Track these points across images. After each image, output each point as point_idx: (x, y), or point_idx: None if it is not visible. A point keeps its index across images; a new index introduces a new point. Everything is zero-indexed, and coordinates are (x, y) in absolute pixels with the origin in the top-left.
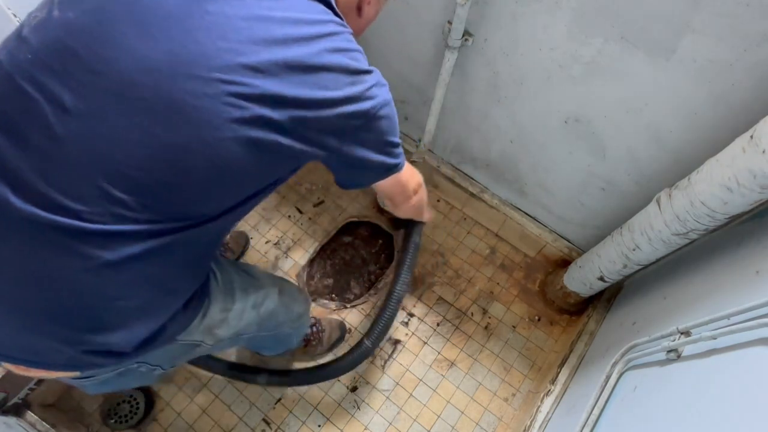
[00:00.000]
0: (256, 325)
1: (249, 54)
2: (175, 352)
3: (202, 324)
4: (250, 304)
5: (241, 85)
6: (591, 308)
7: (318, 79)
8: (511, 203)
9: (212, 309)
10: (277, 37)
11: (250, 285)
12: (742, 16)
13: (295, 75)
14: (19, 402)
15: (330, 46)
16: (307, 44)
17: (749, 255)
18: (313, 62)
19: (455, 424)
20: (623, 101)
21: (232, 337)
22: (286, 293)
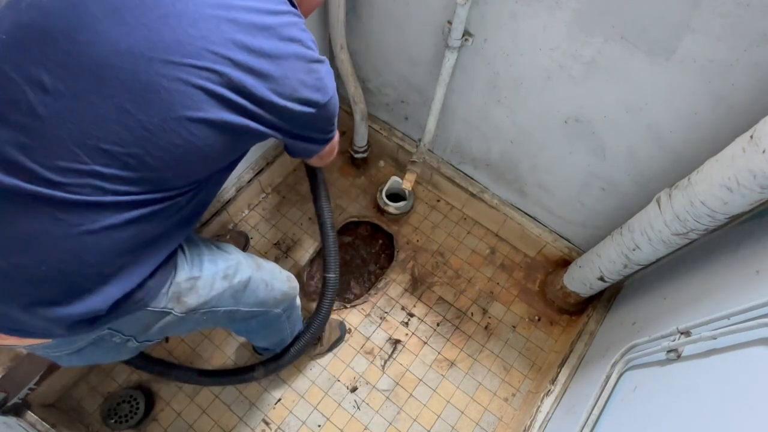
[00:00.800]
0: (231, 297)
1: (218, 42)
2: (146, 320)
3: (170, 291)
4: (221, 275)
5: (212, 72)
6: (591, 308)
7: (278, 68)
8: (511, 203)
9: (178, 277)
10: (242, 26)
11: (219, 256)
12: (742, 16)
13: (258, 62)
14: (19, 402)
15: (289, 35)
16: (269, 34)
17: (749, 255)
18: (274, 52)
19: (455, 424)
20: (623, 101)
21: (206, 310)
22: (264, 269)
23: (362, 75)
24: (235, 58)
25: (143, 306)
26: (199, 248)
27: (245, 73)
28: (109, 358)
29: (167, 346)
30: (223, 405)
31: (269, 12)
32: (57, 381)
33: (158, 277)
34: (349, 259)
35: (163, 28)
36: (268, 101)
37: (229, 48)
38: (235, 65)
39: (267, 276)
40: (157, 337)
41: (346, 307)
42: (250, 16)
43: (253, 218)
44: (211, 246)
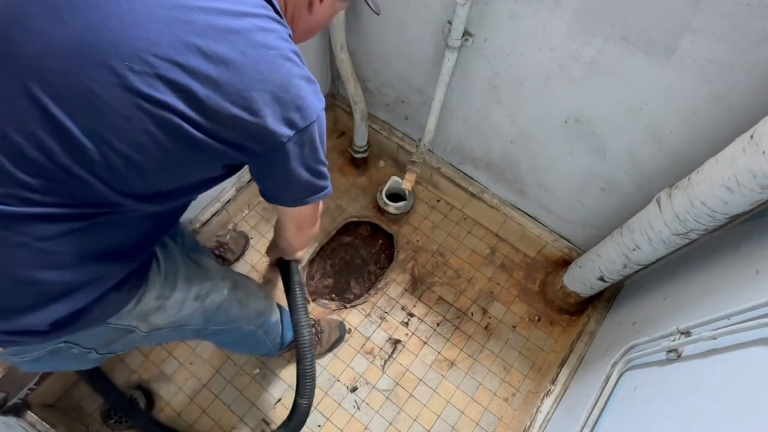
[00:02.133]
0: (201, 317)
1: (163, 44)
2: (107, 335)
3: (135, 309)
4: (192, 295)
5: (152, 77)
6: (591, 308)
7: (240, 78)
8: (511, 203)
9: (148, 296)
10: (198, 27)
11: (196, 276)
12: (742, 16)
13: (214, 69)
14: (19, 402)
15: (260, 41)
16: (233, 38)
17: (749, 255)
18: (237, 59)
19: (455, 424)
20: (623, 101)
21: (172, 328)
22: (241, 288)
23: (362, 75)
24: (184, 63)
25: (102, 322)
26: (175, 263)
27: (195, 80)
28: (72, 367)
29: (167, 346)
30: (223, 405)
31: (235, 14)
32: (57, 381)
33: (122, 293)
34: (349, 259)
35: (102, 27)
36: (225, 114)
37: (178, 51)
38: (184, 70)
39: (242, 295)
40: (121, 350)
41: (346, 307)
42: (210, 18)
43: (253, 218)
44: (189, 262)
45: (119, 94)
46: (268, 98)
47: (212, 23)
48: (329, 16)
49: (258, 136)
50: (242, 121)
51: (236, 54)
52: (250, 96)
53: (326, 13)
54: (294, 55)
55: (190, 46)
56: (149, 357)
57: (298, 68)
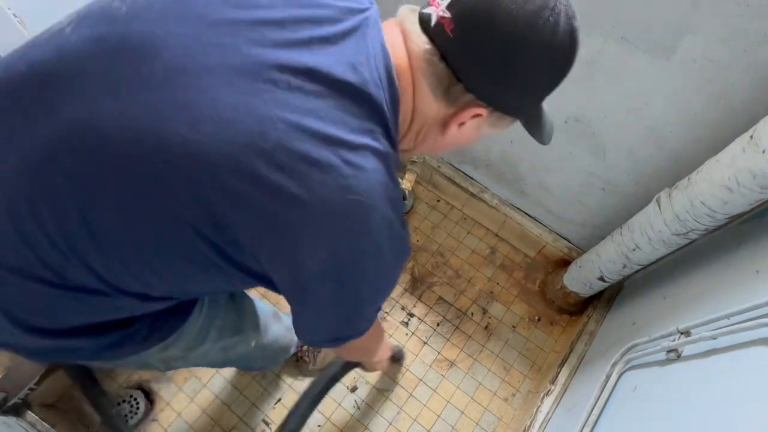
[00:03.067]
0: (220, 362)
1: (221, 164)
2: (129, 362)
3: (158, 354)
4: (219, 346)
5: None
6: (591, 308)
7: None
8: (511, 203)
9: (176, 345)
10: (266, 145)
11: (230, 327)
12: (742, 16)
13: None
14: (19, 402)
15: (337, 183)
16: (302, 167)
17: (749, 255)
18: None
19: (455, 424)
20: (623, 101)
21: (192, 365)
22: (270, 333)
23: None
24: (236, 188)
25: (119, 358)
26: (216, 311)
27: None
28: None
29: None
30: (223, 405)
31: (322, 138)
32: (57, 381)
33: (151, 339)
34: None
35: (144, 118)
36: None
37: (236, 173)
38: (231, 196)
39: (269, 340)
40: (127, 367)
41: None
42: (300, 137)
43: None
44: (229, 309)
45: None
46: (323, 245)
47: (286, 142)
48: (468, 141)
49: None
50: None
51: (302, 191)
52: (303, 243)
53: (466, 137)
54: (382, 204)
55: (248, 166)
56: None
57: (379, 232)
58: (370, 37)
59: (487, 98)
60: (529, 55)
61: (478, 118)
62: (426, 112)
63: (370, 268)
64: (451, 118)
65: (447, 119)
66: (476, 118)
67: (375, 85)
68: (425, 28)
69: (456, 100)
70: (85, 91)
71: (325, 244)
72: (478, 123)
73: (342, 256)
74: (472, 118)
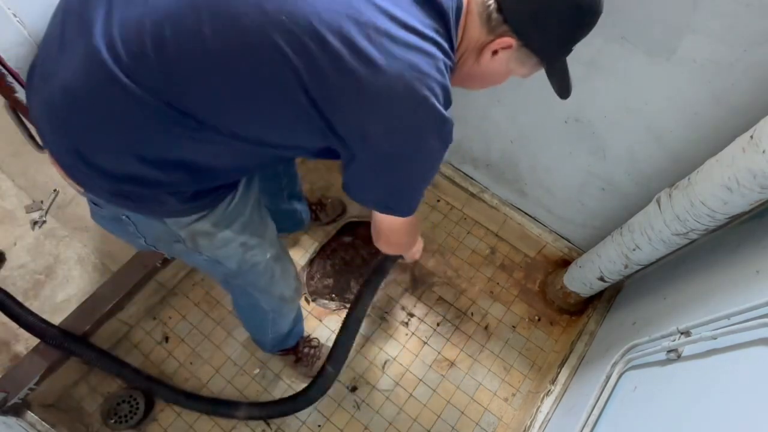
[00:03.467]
0: (236, 264)
1: (324, 14)
2: (159, 231)
3: (190, 225)
4: (239, 242)
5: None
6: (591, 308)
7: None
8: (511, 203)
9: (206, 219)
10: (364, 17)
11: (253, 227)
12: (742, 16)
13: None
14: (19, 402)
15: (407, 59)
16: (382, 44)
17: (749, 255)
18: (379, 63)
19: (455, 424)
20: (623, 101)
21: (209, 259)
22: (280, 264)
23: None
24: (327, 39)
25: (158, 218)
26: (244, 207)
27: (326, 59)
28: (127, 240)
29: (167, 346)
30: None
31: (404, 25)
32: (57, 381)
33: (185, 205)
34: (349, 259)
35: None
36: (330, 102)
37: (330, 28)
38: (321, 46)
39: (278, 270)
40: (165, 251)
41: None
42: (380, 17)
43: None
44: (254, 213)
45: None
46: (385, 117)
47: (385, 26)
48: (497, 75)
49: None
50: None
51: (382, 60)
52: (367, 108)
53: (495, 69)
54: (439, 89)
55: (352, 34)
56: (149, 357)
57: (432, 99)
58: None
59: (519, 31)
60: (562, 6)
61: (508, 50)
62: (470, 35)
63: (421, 141)
64: (486, 45)
65: (483, 45)
66: (507, 49)
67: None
68: None
69: (494, 29)
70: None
71: (390, 108)
72: (508, 56)
73: (401, 120)
74: (503, 50)
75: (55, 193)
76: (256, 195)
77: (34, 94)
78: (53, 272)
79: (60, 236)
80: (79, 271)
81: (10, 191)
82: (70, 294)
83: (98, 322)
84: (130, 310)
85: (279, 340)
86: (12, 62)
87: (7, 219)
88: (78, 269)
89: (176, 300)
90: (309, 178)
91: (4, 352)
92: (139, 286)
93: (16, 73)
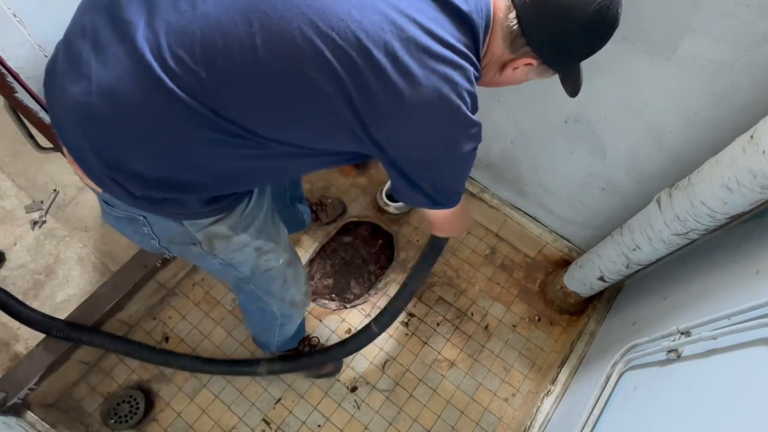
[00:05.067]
0: (249, 269)
1: (370, 32)
2: (174, 233)
3: (207, 228)
4: (255, 245)
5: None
6: (591, 308)
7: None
8: (511, 203)
9: (223, 222)
10: (402, 34)
11: (267, 232)
12: (742, 16)
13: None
14: (19, 402)
15: (442, 72)
16: (423, 57)
17: (749, 255)
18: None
19: (455, 424)
20: (623, 101)
21: (224, 262)
22: (292, 270)
23: None
24: (373, 54)
25: (176, 219)
26: (259, 212)
27: (370, 73)
28: (137, 241)
29: (167, 346)
30: (223, 405)
31: (440, 41)
32: (57, 381)
33: (204, 207)
34: (349, 259)
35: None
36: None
37: (376, 44)
38: (367, 60)
39: (290, 276)
40: (177, 253)
41: (346, 307)
42: (419, 33)
43: None
44: (268, 218)
45: (308, 47)
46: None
47: (419, 39)
48: (516, 82)
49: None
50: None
51: (419, 73)
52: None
53: (515, 79)
54: (469, 98)
55: (388, 45)
56: None
57: (460, 106)
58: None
59: (542, 54)
60: (582, 31)
61: (529, 66)
62: (494, 51)
63: (453, 143)
64: (509, 62)
65: (505, 62)
66: (528, 66)
67: (477, 14)
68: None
69: (517, 50)
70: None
71: (427, 116)
72: (528, 70)
73: (436, 129)
74: (525, 66)
75: (55, 193)
76: (269, 200)
77: (60, 93)
78: (53, 272)
79: (60, 236)
80: (79, 271)
81: (10, 191)
82: (70, 294)
83: (98, 322)
84: (130, 310)
85: (283, 343)
86: (12, 62)
87: (7, 219)
88: (78, 269)
89: (176, 300)
90: (309, 178)
91: (4, 352)
92: (139, 286)
93: (16, 73)
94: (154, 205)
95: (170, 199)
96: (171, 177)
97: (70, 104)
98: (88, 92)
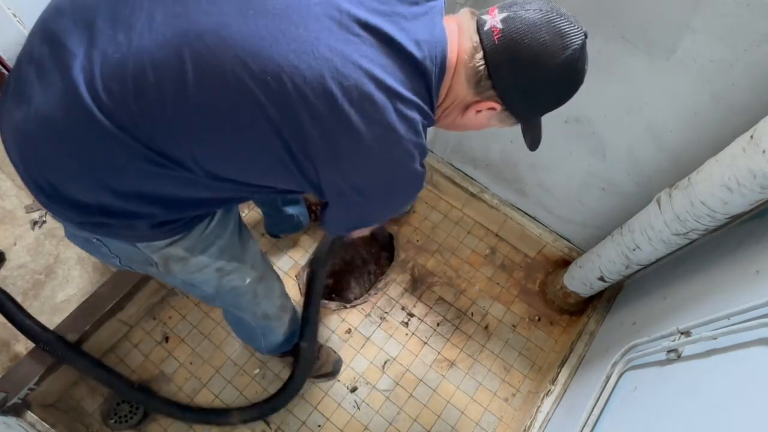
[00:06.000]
0: (213, 288)
1: (307, 75)
2: (131, 253)
3: (162, 250)
4: (215, 267)
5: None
6: (591, 308)
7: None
8: (511, 203)
9: (179, 244)
10: (348, 81)
11: (231, 251)
12: (742, 16)
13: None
14: (19, 402)
15: (385, 122)
16: (363, 108)
17: (749, 255)
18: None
19: (455, 424)
20: (623, 101)
21: (185, 282)
22: (263, 285)
23: None
24: (309, 100)
25: (129, 241)
26: (223, 231)
27: (306, 116)
28: (100, 259)
29: (167, 346)
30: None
31: (385, 88)
32: (57, 381)
33: (156, 231)
34: (349, 259)
35: (264, 38)
36: (308, 156)
37: (314, 90)
38: (303, 104)
39: (261, 291)
40: (141, 271)
41: (346, 307)
42: (364, 81)
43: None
44: (234, 236)
45: (241, 91)
46: (357, 169)
47: (360, 84)
48: (478, 126)
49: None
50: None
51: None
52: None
53: (477, 123)
54: (412, 148)
55: (326, 91)
56: (149, 357)
57: (408, 170)
58: (437, 23)
59: (505, 99)
60: (550, 78)
61: (492, 111)
62: (456, 93)
63: (393, 191)
64: (472, 104)
65: (469, 104)
66: (491, 110)
67: (431, 61)
68: (478, 30)
69: (482, 92)
70: (220, 3)
71: (366, 168)
72: (490, 115)
73: (376, 178)
74: (488, 110)
75: None
76: (236, 218)
77: (7, 116)
78: (53, 272)
79: (60, 236)
80: (79, 271)
81: (10, 191)
82: (70, 294)
83: (98, 322)
84: (130, 310)
85: (273, 348)
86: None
87: (7, 219)
88: (78, 269)
89: (176, 300)
90: None
91: (4, 352)
92: (139, 286)
93: None
94: (102, 229)
95: (116, 224)
96: (112, 205)
97: (11, 128)
98: (26, 118)
